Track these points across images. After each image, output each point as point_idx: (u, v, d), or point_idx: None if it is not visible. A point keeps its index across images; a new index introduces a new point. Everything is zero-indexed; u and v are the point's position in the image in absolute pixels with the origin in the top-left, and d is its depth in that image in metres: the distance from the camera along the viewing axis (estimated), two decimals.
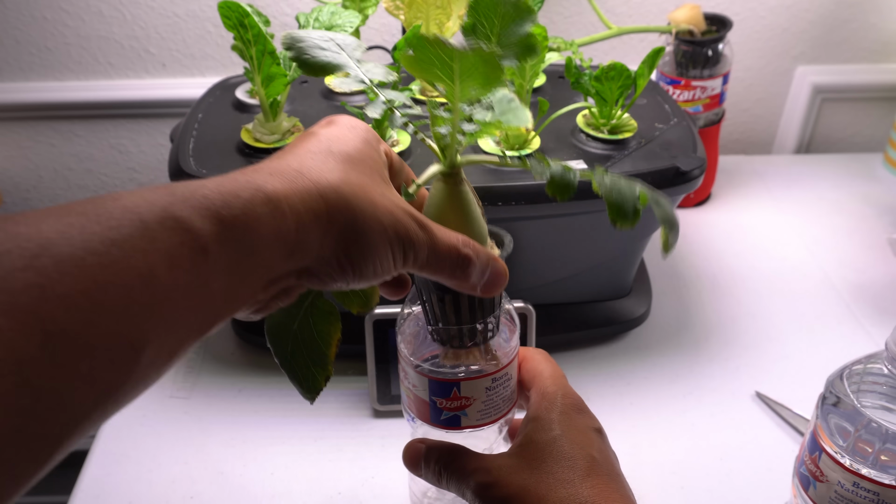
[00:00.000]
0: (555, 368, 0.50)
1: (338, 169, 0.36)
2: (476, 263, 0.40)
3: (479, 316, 0.44)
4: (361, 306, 0.44)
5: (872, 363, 0.51)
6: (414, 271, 0.39)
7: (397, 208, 0.37)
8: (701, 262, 0.89)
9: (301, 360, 0.42)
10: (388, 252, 0.37)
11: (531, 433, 0.45)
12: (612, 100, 0.70)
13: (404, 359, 0.50)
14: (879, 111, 1.10)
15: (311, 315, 0.42)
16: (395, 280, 0.44)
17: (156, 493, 0.65)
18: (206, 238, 0.30)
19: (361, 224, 0.36)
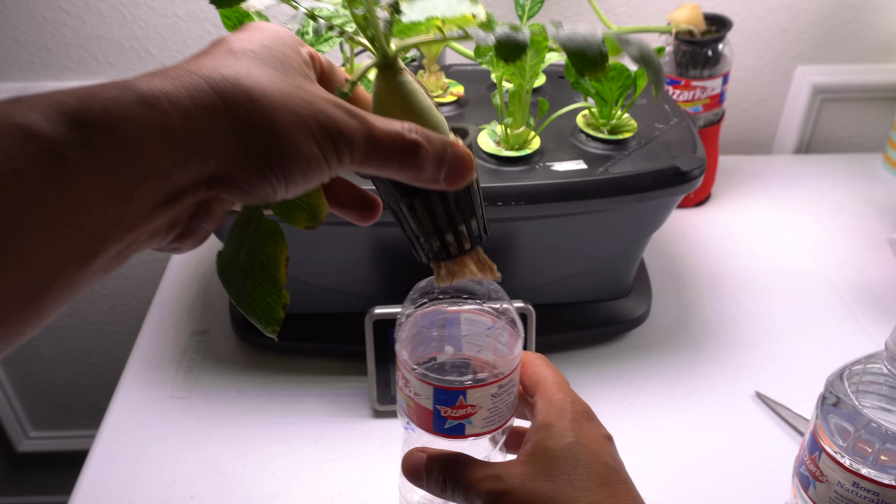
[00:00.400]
0: (557, 374, 0.48)
1: (236, 64, 0.32)
2: (427, 148, 0.36)
3: (458, 217, 0.41)
4: (309, 220, 0.39)
5: (872, 363, 0.51)
6: (357, 169, 0.35)
7: (317, 98, 0.33)
8: (701, 262, 0.89)
9: (254, 292, 0.38)
10: (313, 146, 0.32)
11: (543, 440, 0.43)
12: (612, 100, 0.70)
13: (404, 365, 0.50)
14: (879, 111, 1.10)
15: (256, 240, 0.38)
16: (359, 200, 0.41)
17: (156, 493, 0.65)
18: (60, 144, 0.25)
19: (270, 116, 0.31)
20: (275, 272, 0.38)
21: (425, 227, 0.40)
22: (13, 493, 1.42)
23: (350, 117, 0.34)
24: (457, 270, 0.43)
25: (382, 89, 0.39)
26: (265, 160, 0.31)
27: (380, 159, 0.35)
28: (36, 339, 1.25)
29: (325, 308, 0.76)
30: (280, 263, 0.38)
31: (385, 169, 0.36)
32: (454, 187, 0.38)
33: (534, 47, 0.63)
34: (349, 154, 0.34)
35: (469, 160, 0.37)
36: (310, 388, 0.74)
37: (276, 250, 0.38)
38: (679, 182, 0.67)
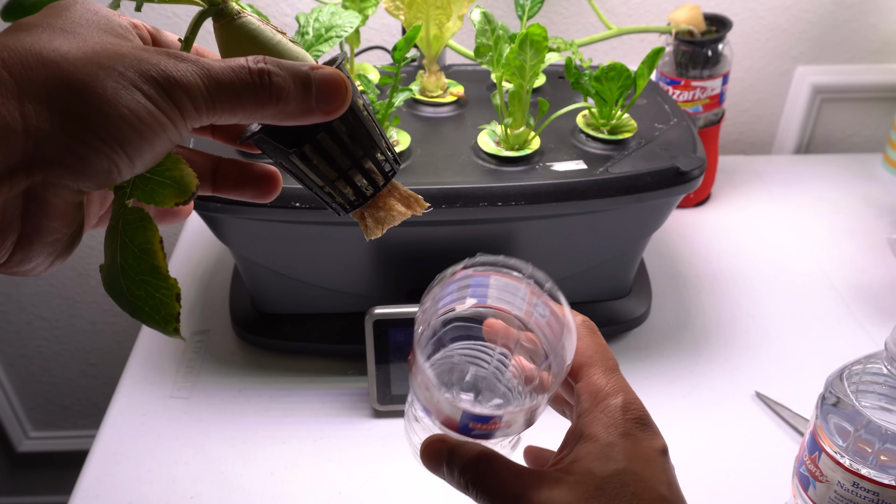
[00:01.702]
0: (606, 354, 0.40)
1: (26, 36, 0.28)
2: (282, 74, 0.31)
3: (358, 152, 0.36)
4: (177, 196, 0.34)
5: (872, 363, 0.51)
6: (206, 117, 0.31)
7: (134, 49, 0.29)
8: (701, 262, 0.89)
9: (141, 292, 0.34)
10: (141, 100, 0.28)
11: (587, 460, 0.36)
12: (611, 100, 0.70)
13: (428, 382, 0.40)
14: (879, 111, 1.10)
15: (125, 234, 0.34)
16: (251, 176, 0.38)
17: (156, 493, 0.65)
18: None
19: (75, 75, 0.27)
20: (153, 261, 0.34)
21: (328, 175, 0.37)
22: (13, 493, 1.42)
23: (179, 61, 0.30)
24: (383, 216, 0.39)
25: (223, 39, 0.35)
26: (87, 127, 0.27)
27: (229, 100, 0.31)
28: (36, 339, 1.25)
29: (325, 308, 0.76)
30: (156, 250, 0.34)
31: (241, 110, 0.31)
32: (333, 112, 0.33)
33: (534, 47, 0.63)
34: (189, 100, 0.30)
35: (339, 78, 0.33)
36: (310, 388, 0.74)
37: (148, 236, 0.34)
38: (679, 182, 0.67)
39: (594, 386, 0.38)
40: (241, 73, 0.31)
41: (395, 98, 0.66)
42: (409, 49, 0.64)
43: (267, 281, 0.73)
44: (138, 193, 0.34)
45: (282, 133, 0.35)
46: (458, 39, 0.92)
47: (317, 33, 0.66)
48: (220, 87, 0.30)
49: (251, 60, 0.31)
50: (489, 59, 0.66)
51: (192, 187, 0.34)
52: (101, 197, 0.37)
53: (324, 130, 0.35)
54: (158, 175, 0.34)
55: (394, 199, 0.39)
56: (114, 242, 0.34)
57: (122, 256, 0.34)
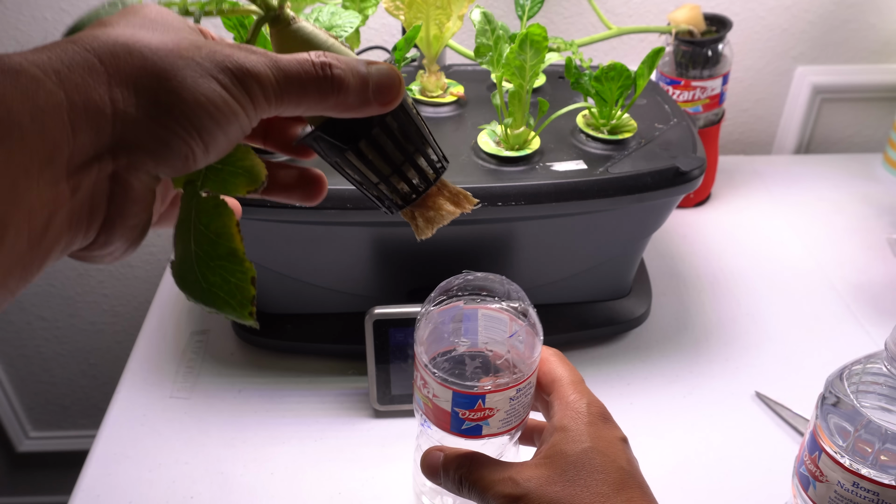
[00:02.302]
0: (573, 372, 0.48)
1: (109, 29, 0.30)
2: (343, 67, 0.33)
3: (411, 148, 0.38)
4: (249, 184, 0.36)
5: (872, 363, 0.51)
6: (274, 108, 0.32)
7: (209, 43, 0.31)
8: (701, 262, 0.89)
9: (216, 278, 0.35)
10: (218, 89, 0.30)
11: (560, 444, 0.44)
12: (612, 100, 0.70)
13: (423, 367, 0.49)
14: (879, 111, 1.10)
15: (200, 222, 0.35)
16: (300, 179, 0.39)
17: (156, 493, 0.65)
18: None
19: (159, 65, 0.29)
20: (230, 244, 0.34)
21: (382, 171, 0.38)
22: (13, 493, 1.42)
23: (251, 53, 0.31)
24: (433, 216, 0.40)
25: (280, 43, 0.37)
26: (167, 113, 0.29)
27: (296, 92, 0.32)
28: (36, 339, 1.25)
29: (325, 308, 0.76)
30: (233, 233, 0.34)
31: (305, 101, 0.33)
32: (388, 104, 0.35)
33: (534, 47, 0.63)
34: (261, 91, 0.31)
35: (393, 72, 0.35)
36: (310, 388, 0.74)
37: (225, 220, 0.35)
38: (679, 182, 0.67)
39: (563, 394, 0.46)
40: (306, 65, 0.32)
41: None
42: (409, 49, 0.64)
43: (267, 281, 0.73)
44: (211, 184, 0.35)
45: (337, 131, 0.36)
46: (458, 39, 0.92)
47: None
48: (289, 77, 0.32)
49: (314, 55, 0.33)
50: (489, 59, 0.66)
51: (263, 176, 0.36)
52: (163, 194, 0.38)
53: (377, 126, 0.36)
54: (230, 165, 0.35)
55: (443, 197, 0.40)
56: (186, 233, 0.35)
57: (197, 244, 0.35)
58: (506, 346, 0.51)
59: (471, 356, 0.51)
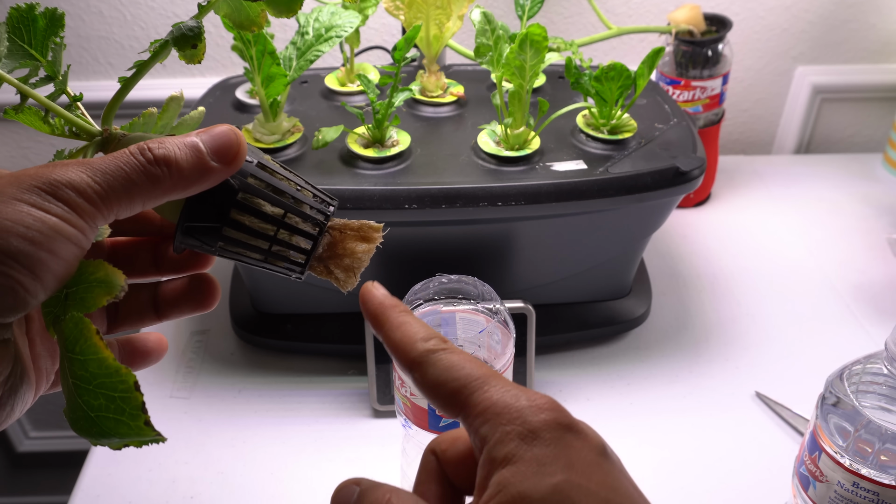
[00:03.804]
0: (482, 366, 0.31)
1: None
2: (164, 146, 0.31)
3: (285, 197, 0.35)
4: (107, 293, 0.32)
5: (872, 363, 0.51)
6: (105, 213, 0.30)
7: (9, 172, 0.29)
8: (701, 262, 0.89)
9: (101, 401, 0.32)
10: (24, 209, 0.27)
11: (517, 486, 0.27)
12: (611, 100, 0.70)
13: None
14: (879, 111, 1.10)
15: (68, 350, 0.32)
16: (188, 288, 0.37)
17: (156, 493, 0.65)
18: None
19: None
20: (97, 355, 0.31)
21: (267, 232, 0.35)
22: (13, 493, 1.42)
23: (61, 166, 0.29)
24: (349, 263, 0.37)
25: None
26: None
27: (122, 186, 0.30)
28: None
29: (325, 308, 0.76)
30: (95, 343, 0.31)
31: (138, 194, 0.30)
32: (232, 162, 0.33)
33: (534, 47, 0.63)
34: (81, 197, 0.29)
35: (225, 127, 0.33)
36: (310, 388, 0.74)
37: (85, 334, 0.31)
38: (679, 182, 0.67)
39: (487, 402, 0.29)
40: (122, 157, 0.30)
41: (395, 98, 0.66)
42: (409, 49, 0.64)
43: (267, 281, 0.73)
44: (73, 309, 0.32)
45: (203, 215, 0.34)
46: (458, 39, 0.92)
47: (317, 33, 0.66)
48: (107, 175, 0.29)
49: (132, 146, 0.31)
50: (489, 59, 0.66)
51: (120, 282, 0.32)
52: (51, 351, 0.35)
53: (241, 190, 0.34)
54: (83, 283, 0.32)
55: (349, 239, 0.37)
56: (64, 371, 0.32)
57: (72, 374, 0.32)
58: (478, 343, 0.52)
59: None
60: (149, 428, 0.32)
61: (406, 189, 0.64)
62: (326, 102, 0.78)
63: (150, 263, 0.38)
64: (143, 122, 0.40)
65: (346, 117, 0.74)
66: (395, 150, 0.68)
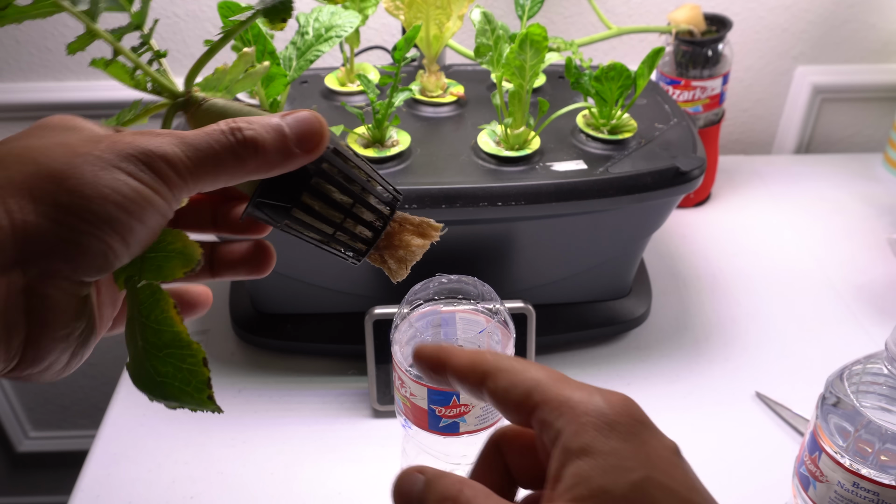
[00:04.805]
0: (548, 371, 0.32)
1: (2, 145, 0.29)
2: (253, 128, 0.32)
3: (355, 187, 0.36)
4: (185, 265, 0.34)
5: (872, 363, 0.51)
6: (192, 186, 0.31)
7: (108, 135, 0.30)
8: (701, 262, 0.89)
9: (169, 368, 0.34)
10: (123, 177, 0.28)
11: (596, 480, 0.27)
12: (612, 100, 0.70)
13: (400, 367, 0.50)
14: (879, 111, 1.10)
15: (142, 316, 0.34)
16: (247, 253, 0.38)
17: (156, 493, 0.65)
18: None
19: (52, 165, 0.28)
20: (172, 328, 0.33)
21: (333, 219, 0.36)
22: (13, 493, 1.42)
23: (156, 136, 0.30)
24: (403, 255, 0.38)
25: (196, 126, 0.35)
26: (70, 213, 0.27)
27: (211, 163, 0.31)
28: None
29: (325, 308, 0.76)
30: (171, 316, 0.33)
31: (224, 171, 0.31)
32: (313, 151, 0.33)
33: (534, 47, 0.63)
34: (173, 171, 0.30)
35: (311, 115, 0.33)
36: (310, 388, 0.74)
37: (162, 307, 0.33)
38: (679, 182, 0.67)
39: (561, 397, 0.30)
40: (214, 134, 0.31)
41: (395, 98, 0.66)
42: (409, 49, 0.64)
43: (267, 281, 0.73)
44: (148, 275, 0.34)
45: (276, 192, 0.35)
46: (458, 39, 0.92)
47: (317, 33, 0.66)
48: (199, 151, 0.30)
49: (222, 123, 0.32)
50: (489, 59, 0.66)
51: (197, 255, 0.34)
52: (113, 298, 0.36)
53: (315, 175, 0.35)
54: (162, 251, 0.34)
55: (407, 232, 0.38)
56: (133, 331, 0.34)
57: (143, 338, 0.34)
58: (478, 343, 0.52)
59: None
60: (211, 402, 0.34)
61: (406, 189, 0.65)
62: (326, 102, 0.78)
63: (208, 221, 0.39)
64: (215, 78, 0.40)
65: (346, 117, 0.74)
66: (395, 150, 0.68)
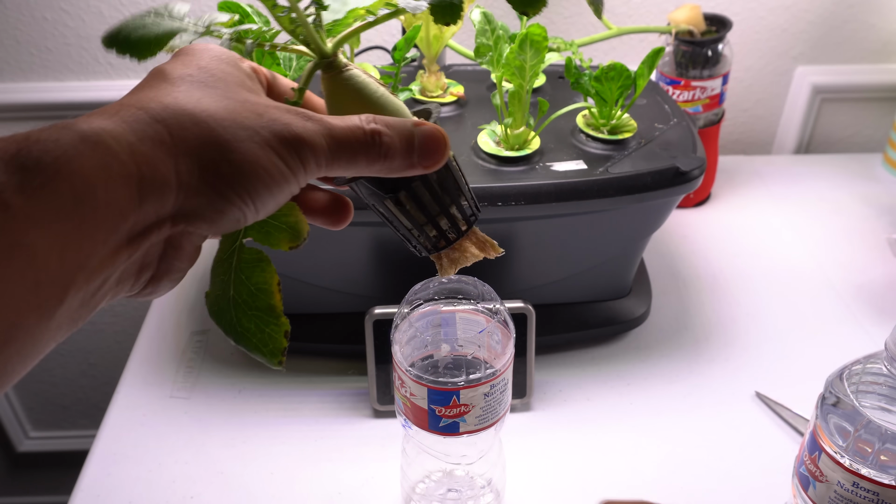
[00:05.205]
0: None
1: (175, 91, 0.31)
2: (390, 134, 0.34)
3: (447, 200, 0.39)
4: (291, 240, 0.38)
5: (872, 363, 0.51)
6: (323, 172, 0.33)
7: (268, 108, 0.32)
8: (701, 262, 0.89)
9: (250, 325, 0.37)
10: (273, 157, 0.31)
11: None
12: (611, 100, 0.70)
13: (399, 366, 0.50)
14: (879, 111, 1.10)
15: (241, 271, 0.37)
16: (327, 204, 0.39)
17: (156, 493, 0.65)
18: (4, 191, 0.24)
19: (221, 136, 0.30)
20: (269, 300, 0.37)
21: (417, 220, 0.39)
22: (13, 493, 1.42)
23: (306, 120, 0.32)
24: (458, 257, 0.41)
25: (331, 89, 0.38)
26: (226, 183, 0.30)
27: (346, 158, 0.33)
28: None
29: (325, 308, 0.76)
30: (273, 290, 0.37)
31: (354, 167, 0.34)
32: (432, 167, 0.36)
33: (534, 47, 0.63)
34: (314, 159, 0.32)
35: (440, 135, 0.36)
36: (310, 388, 0.74)
37: (266, 277, 0.37)
38: (679, 182, 0.67)
39: None
40: (357, 132, 0.33)
41: None
42: (409, 49, 0.64)
43: None
44: (253, 234, 0.37)
45: (380, 182, 0.37)
46: (458, 39, 0.92)
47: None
48: (340, 145, 0.33)
49: (364, 120, 0.34)
50: (489, 59, 0.66)
51: (305, 233, 0.38)
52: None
53: (418, 179, 0.37)
54: (276, 220, 0.37)
55: (469, 241, 0.41)
56: (226, 276, 0.37)
57: (237, 291, 0.37)
58: (478, 343, 0.52)
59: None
60: (279, 365, 0.37)
61: None
62: None
63: None
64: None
65: None
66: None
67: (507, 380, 0.51)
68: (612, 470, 0.66)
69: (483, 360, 0.51)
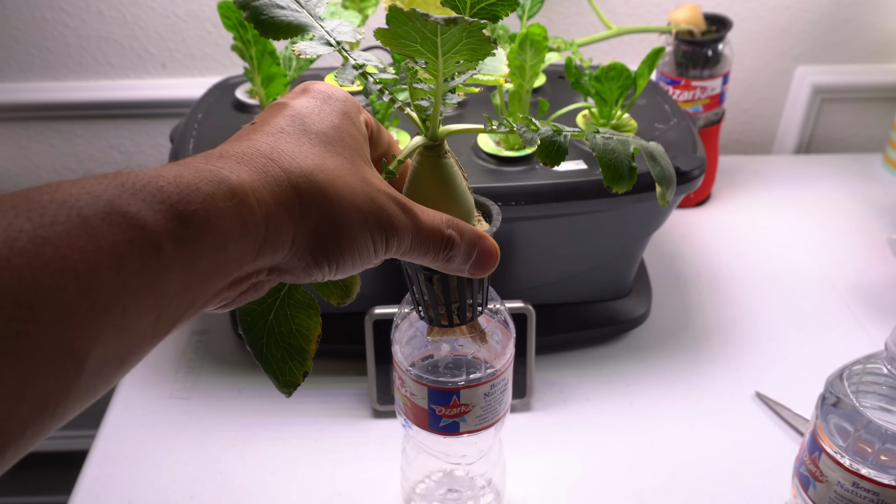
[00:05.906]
0: None
1: (312, 153, 0.34)
2: (461, 245, 0.38)
3: (468, 293, 0.43)
4: (341, 297, 0.41)
5: (872, 363, 0.51)
6: (396, 257, 0.37)
7: (379, 193, 0.35)
8: (701, 262, 0.89)
9: (277, 353, 0.39)
10: (369, 242, 0.34)
11: None
12: (612, 100, 0.70)
13: (400, 366, 0.50)
14: (879, 111, 1.10)
15: (288, 307, 0.39)
16: None
17: (156, 493, 0.65)
18: (161, 235, 0.26)
19: (339, 215, 0.33)
20: (305, 345, 0.39)
21: (436, 299, 0.43)
22: (13, 493, 1.42)
23: (403, 213, 0.35)
24: (448, 332, 0.45)
25: (424, 168, 0.40)
26: (326, 255, 0.33)
27: (420, 252, 0.37)
28: None
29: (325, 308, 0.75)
30: (312, 339, 0.39)
31: (422, 259, 0.37)
32: (475, 277, 0.39)
33: (534, 47, 0.63)
34: (397, 249, 0.36)
35: (495, 255, 0.39)
36: (310, 388, 0.74)
37: (311, 325, 0.39)
38: (679, 182, 0.67)
39: None
40: (436, 235, 0.37)
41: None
42: None
43: None
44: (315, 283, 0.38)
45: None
46: None
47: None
48: (420, 244, 0.36)
49: (445, 224, 0.37)
50: None
51: (355, 294, 0.42)
52: None
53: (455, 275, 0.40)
54: None
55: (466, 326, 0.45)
56: (271, 299, 0.38)
57: (277, 320, 0.39)
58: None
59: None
60: (287, 394, 0.40)
61: None
62: None
63: None
64: None
65: None
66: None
67: (508, 380, 0.51)
68: (612, 470, 0.66)
69: (483, 359, 0.51)
